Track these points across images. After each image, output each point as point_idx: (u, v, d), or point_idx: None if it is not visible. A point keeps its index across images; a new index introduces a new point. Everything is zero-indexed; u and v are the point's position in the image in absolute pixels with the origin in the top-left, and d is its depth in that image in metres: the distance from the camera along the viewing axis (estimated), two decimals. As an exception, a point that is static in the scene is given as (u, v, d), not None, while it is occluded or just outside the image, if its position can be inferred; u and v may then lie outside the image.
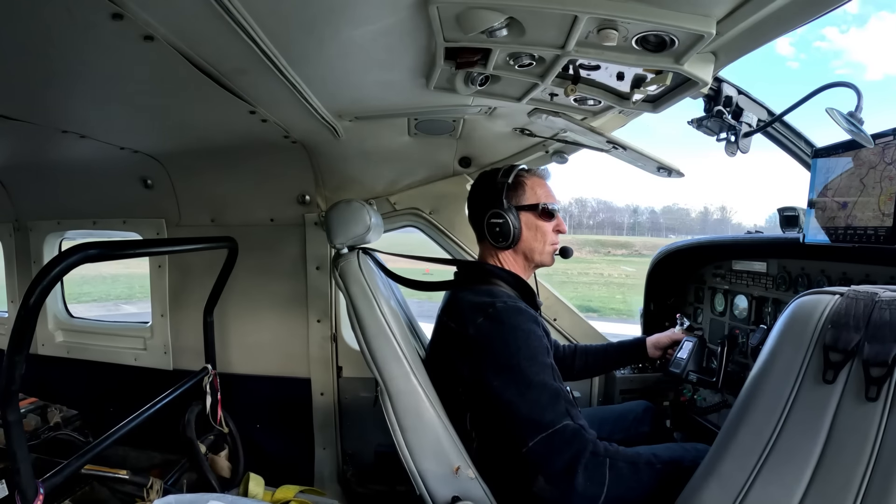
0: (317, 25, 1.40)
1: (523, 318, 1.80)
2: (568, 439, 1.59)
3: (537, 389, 1.66)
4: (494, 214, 2.03)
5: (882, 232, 1.66)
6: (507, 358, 1.72)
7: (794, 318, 1.33)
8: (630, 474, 1.59)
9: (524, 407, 1.64)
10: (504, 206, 2.03)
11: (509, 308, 1.81)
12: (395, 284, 2.43)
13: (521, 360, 1.71)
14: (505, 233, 2.03)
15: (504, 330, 1.77)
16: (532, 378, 1.68)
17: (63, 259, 1.66)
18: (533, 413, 1.63)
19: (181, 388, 2.70)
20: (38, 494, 1.67)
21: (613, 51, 1.40)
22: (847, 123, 1.49)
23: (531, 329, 1.78)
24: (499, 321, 1.78)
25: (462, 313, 1.90)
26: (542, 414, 1.63)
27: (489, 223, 2.04)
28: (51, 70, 1.64)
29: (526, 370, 1.69)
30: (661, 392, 2.96)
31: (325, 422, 3.28)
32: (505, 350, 1.74)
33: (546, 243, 2.14)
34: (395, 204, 3.18)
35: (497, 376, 1.71)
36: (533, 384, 1.67)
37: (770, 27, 1.26)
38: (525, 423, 1.63)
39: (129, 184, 3.20)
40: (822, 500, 1.14)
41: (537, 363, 1.71)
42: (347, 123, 2.31)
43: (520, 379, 1.68)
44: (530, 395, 1.66)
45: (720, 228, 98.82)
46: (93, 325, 3.82)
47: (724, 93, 1.87)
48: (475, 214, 2.14)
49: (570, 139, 2.45)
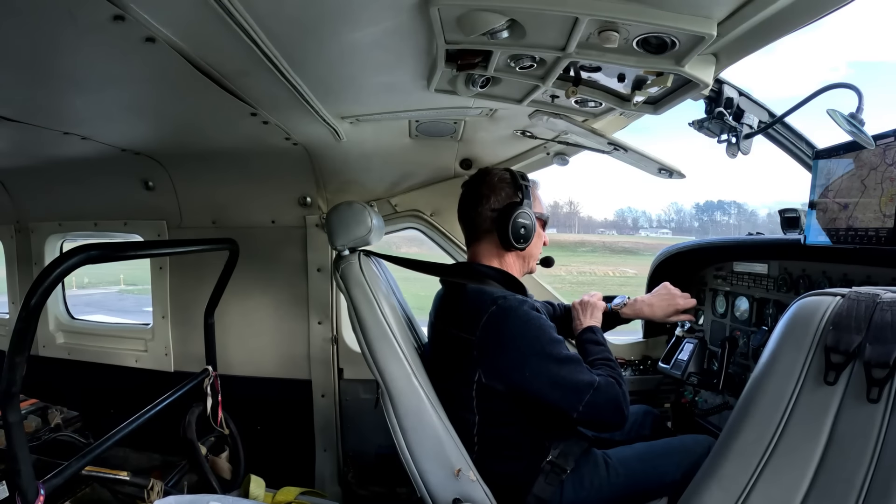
0: (318, 27, 1.40)
1: (526, 307, 1.87)
2: (605, 389, 1.80)
3: (566, 362, 1.81)
4: (523, 215, 2.02)
5: (883, 233, 1.66)
6: (529, 347, 1.82)
7: (796, 320, 1.33)
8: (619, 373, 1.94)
9: (567, 378, 1.79)
10: (531, 207, 2.05)
11: (511, 303, 1.86)
12: (396, 285, 2.42)
13: (544, 344, 1.82)
14: (528, 234, 2.03)
15: (517, 325, 1.83)
16: (560, 355, 1.81)
17: (64, 261, 1.65)
18: (575, 380, 1.79)
19: (182, 389, 2.70)
20: (38, 495, 1.67)
21: (614, 52, 1.40)
22: (848, 125, 1.49)
23: (537, 315, 1.87)
24: (507, 319, 1.83)
25: (463, 320, 1.91)
26: (581, 378, 1.80)
27: (516, 222, 2.00)
28: (52, 72, 1.64)
29: (552, 351, 1.81)
30: (662, 394, 2.96)
31: (326, 423, 3.28)
32: (526, 342, 1.82)
33: (539, 251, 2.22)
34: (396, 206, 3.18)
35: (525, 367, 1.81)
36: (563, 359, 1.81)
37: (771, 29, 1.26)
38: (573, 391, 1.78)
39: (130, 185, 3.20)
40: (823, 501, 1.14)
41: (556, 342, 1.84)
42: (348, 125, 2.31)
43: (553, 359, 1.80)
44: (566, 367, 1.80)
45: (570, 221, 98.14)
46: (94, 326, 3.82)
47: (725, 94, 1.87)
48: (487, 212, 2.07)
49: (571, 141, 2.45)
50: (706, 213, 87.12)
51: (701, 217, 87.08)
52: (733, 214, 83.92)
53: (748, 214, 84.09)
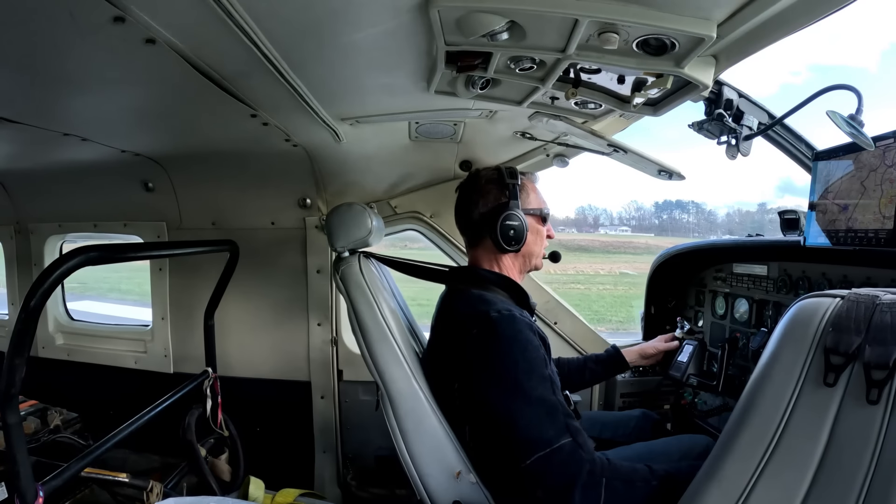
0: (318, 29, 1.40)
1: (518, 326, 1.77)
2: (565, 459, 1.57)
3: (536, 405, 1.64)
4: (510, 216, 1.99)
5: (883, 234, 1.66)
6: (504, 371, 1.69)
7: (795, 321, 1.33)
8: (625, 492, 1.58)
9: (523, 423, 1.62)
10: (518, 208, 2.01)
11: (504, 318, 1.77)
12: (395, 287, 2.42)
13: (518, 373, 1.67)
14: (518, 235, 1.99)
15: (500, 342, 1.73)
16: (530, 393, 1.65)
17: (64, 262, 1.66)
18: (531, 430, 1.60)
19: (181, 391, 2.70)
20: (37, 497, 1.67)
21: (614, 54, 1.40)
22: (848, 126, 1.49)
23: (528, 339, 1.75)
24: (495, 333, 1.74)
25: (455, 325, 1.89)
26: (541, 431, 1.60)
27: (504, 225, 1.98)
28: (52, 73, 1.64)
29: (524, 384, 1.66)
30: (661, 396, 2.96)
31: (326, 425, 3.28)
32: (502, 364, 1.70)
33: (542, 247, 2.16)
34: (395, 207, 3.19)
35: (495, 390, 1.68)
36: (531, 399, 1.64)
37: (771, 30, 1.26)
38: (524, 440, 1.60)
39: (130, 187, 3.20)
40: (822, 502, 1.14)
41: (535, 376, 1.68)
42: (348, 127, 2.31)
43: (518, 394, 1.65)
44: (529, 411, 1.63)
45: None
46: (93, 327, 3.82)
47: (724, 96, 1.87)
48: (478, 216, 2.06)
49: (571, 142, 2.45)
50: (665, 212, 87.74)
51: (661, 215, 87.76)
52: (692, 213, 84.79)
53: (706, 214, 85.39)
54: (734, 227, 19.81)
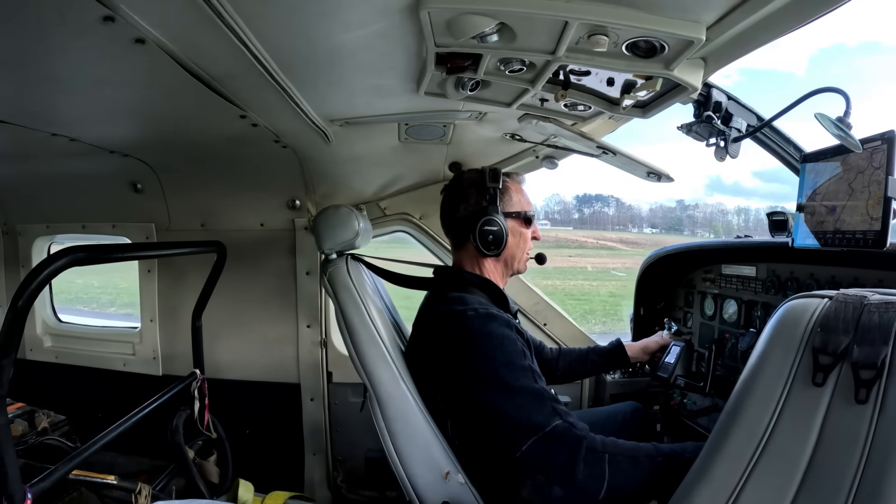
0: (307, 30, 1.40)
1: (495, 324, 1.79)
2: (561, 438, 1.59)
3: (520, 394, 1.66)
4: (489, 221, 2.00)
5: (870, 236, 1.67)
6: (483, 367, 1.71)
7: (784, 322, 1.34)
8: (630, 468, 1.59)
9: (510, 413, 1.64)
10: (497, 212, 2.02)
11: (480, 316, 1.80)
12: (383, 288, 2.42)
13: (497, 367, 1.70)
14: (498, 240, 2.01)
15: (477, 339, 1.76)
16: (512, 384, 1.67)
17: (51, 263, 1.65)
18: (520, 418, 1.62)
19: (169, 393, 2.69)
20: (25, 500, 1.66)
21: (604, 56, 1.40)
22: (836, 128, 1.50)
23: (504, 334, 1.77)
24: (470, 331, 1.77)
25: (433, 325, 1.92)
26: (530, 417, 1.62)
27: (482, 230, 2.00)
28: (41, 73, 1.62)
29: (505, 377, 1.68)
30: (650, 396, 2.97)
31: (315, 427, 3.27)
32: (481, 360, 1.73)
33: (525, 250, 2.17)
34: (385, 209, 3.19)
35: (477, 386, 1.71)
36: (515, 390, 1.66)
37: (760, 33, 1.27)
38: (514, 429, 1.62)
39: (118, 188, 3.18)
40: (812, 502, 1.15)
41: (515, 368, 1.71)
42: (338, 128, 2.30)
43: (501, 387, 1.67)
44: (514, 401, 1.65)
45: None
46: (81, 329, 3.79)
47: (713, 98, 1.88)
48: (459, 219, 2.09)
49: (560, 144, 2.46)
50: (586, 205, 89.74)
51: (581, 209, 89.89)
52: (612, 206, 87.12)
53: (626, 208, 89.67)
54: (656, 221, 20.25)
